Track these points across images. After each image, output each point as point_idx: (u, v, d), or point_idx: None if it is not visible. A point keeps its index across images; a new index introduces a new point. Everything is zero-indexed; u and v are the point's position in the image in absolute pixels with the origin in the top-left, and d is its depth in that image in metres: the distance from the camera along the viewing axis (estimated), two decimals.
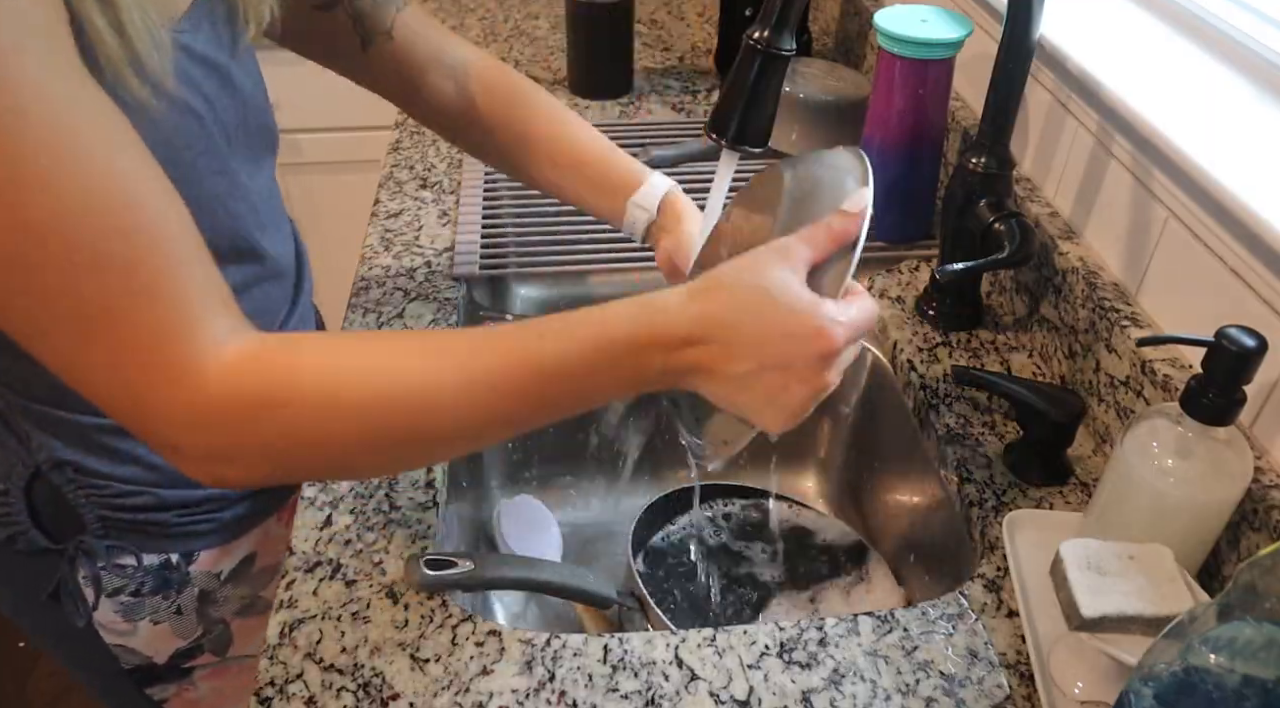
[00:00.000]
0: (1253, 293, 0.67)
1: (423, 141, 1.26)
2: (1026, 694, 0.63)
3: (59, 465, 0.68)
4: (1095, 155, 0.86)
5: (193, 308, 0.50)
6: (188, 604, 0.77)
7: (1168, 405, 0.64)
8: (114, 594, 0.74)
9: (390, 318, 0.94)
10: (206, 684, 0.84)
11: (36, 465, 0.68)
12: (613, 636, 0.67)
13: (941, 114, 0.99)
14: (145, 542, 0.73)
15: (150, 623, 0.77)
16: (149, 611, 0.76)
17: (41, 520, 0.70)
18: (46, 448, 0.68)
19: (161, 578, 0.75)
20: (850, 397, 1.01)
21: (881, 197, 1.06)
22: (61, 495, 0.69)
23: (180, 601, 0.77)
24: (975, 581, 0.71)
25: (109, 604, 0.75)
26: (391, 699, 0.62)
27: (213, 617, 0.80)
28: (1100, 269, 0.84)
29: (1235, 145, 0.70)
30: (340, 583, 0.70)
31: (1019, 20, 0.79)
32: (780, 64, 0.85)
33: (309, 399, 0.51)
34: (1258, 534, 0.64)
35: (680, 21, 1.65)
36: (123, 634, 0.77)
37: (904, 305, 0.98)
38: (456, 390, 0.53)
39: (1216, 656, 0.44)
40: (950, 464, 0.81)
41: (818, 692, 0.63)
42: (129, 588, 0.74)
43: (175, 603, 0.77)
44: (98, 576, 0.73)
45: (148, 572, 0.74)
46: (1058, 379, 0.87)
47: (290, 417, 0.51)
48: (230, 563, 0.78)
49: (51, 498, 0.70)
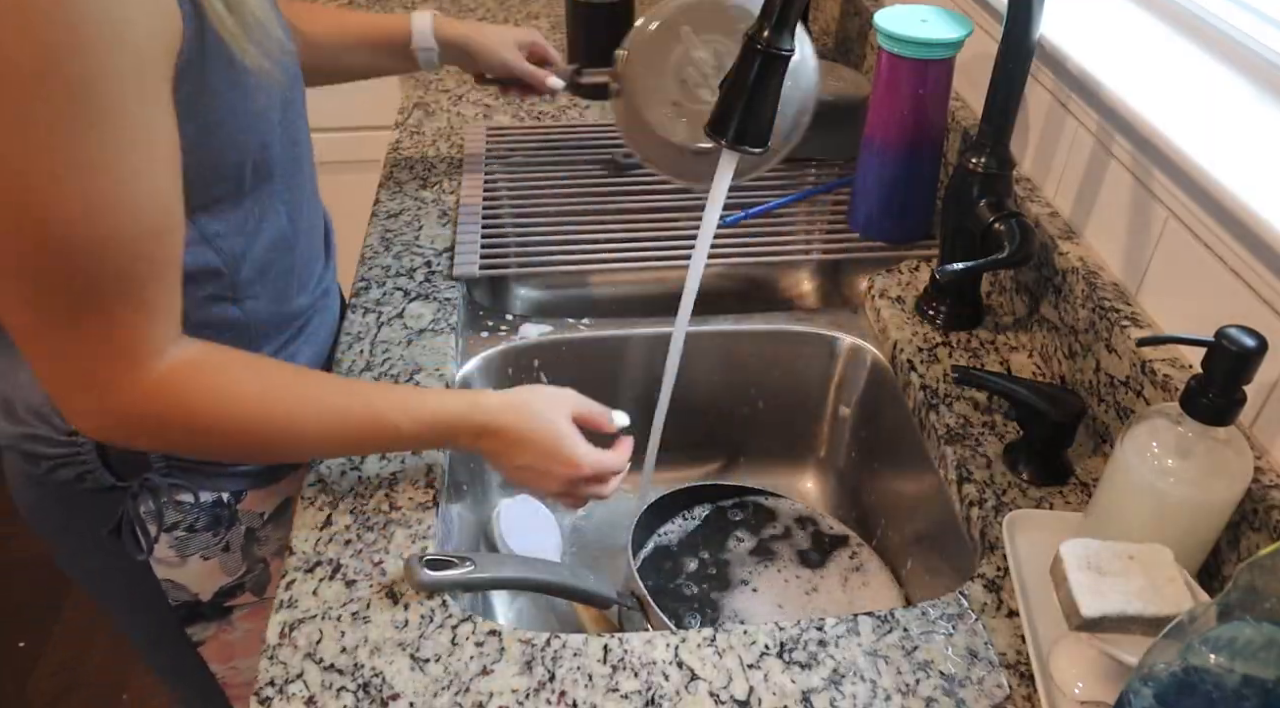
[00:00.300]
0: (1253, 293, 0.67)
1: (422, 142, 1.26)
2: (1026, 694, 0.63)
3: None
4: (1095, 155, 0.86)
5: (159, 317, 0.61)
6: (235, 541, 0.83)
7: (1168, 405, 0.64)
8: (170, 529, 0.79)
9: (390, 318, 0.95)
10: (243, 626, 0.89)
11: None
12: (613, 635, 0.67)
13: (942, 114, 0.99)
14: (202, 481, 0.79)
15: (201, 559, 0.82)
16: (200, 546, 0.81)
17: (109, 460, 0.75)
18: None
19: (213, 515, 0.80)
20: (850, 397, 1.01)
21: (881, 197, 1.07)
22: None
23: (229, 537, 0.82)
24: (975, 581, 0.71)
25: (166, 539, 0.79)
26: (391, 699, 0.62)
27: (255, 555, 0.85)
28: (1100, 269, 0.84)
29: (1235, 145, 0.70)
30: (340, 583, 0.70)
31: (1019, 20, 0.79)
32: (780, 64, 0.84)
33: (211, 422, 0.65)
34: (1258, 534, 0.64)
35: None
36: (174, 569, 0.82)
37: (904, 305, 0.98)
38: (319, 436, 0.70)
39: (1216, 656, 0.44)
40: (950, 464, 0.81)
41: (818, 692, 0.63)
42: (184, 524, 0.79)
43: (224, 540, 0.82)
44: (160, 510, 0.78)
45: (202, 509, 0.80)
46: (1058, 379, 0.87)
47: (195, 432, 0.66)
48: (272, 505, 0.84)
49: None
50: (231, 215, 0.69)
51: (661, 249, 1.06)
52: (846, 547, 0.92)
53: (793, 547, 0.92)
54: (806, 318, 1.02)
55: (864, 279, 1.05)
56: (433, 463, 0.80)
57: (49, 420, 0.73)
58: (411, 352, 0.91)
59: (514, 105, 1.35)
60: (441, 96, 1.38)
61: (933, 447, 0.85)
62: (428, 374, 0.88)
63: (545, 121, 1.32)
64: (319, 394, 0.70)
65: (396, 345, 0.91)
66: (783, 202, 1.14)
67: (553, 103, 1.37)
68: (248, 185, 0.69)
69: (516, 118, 1.32)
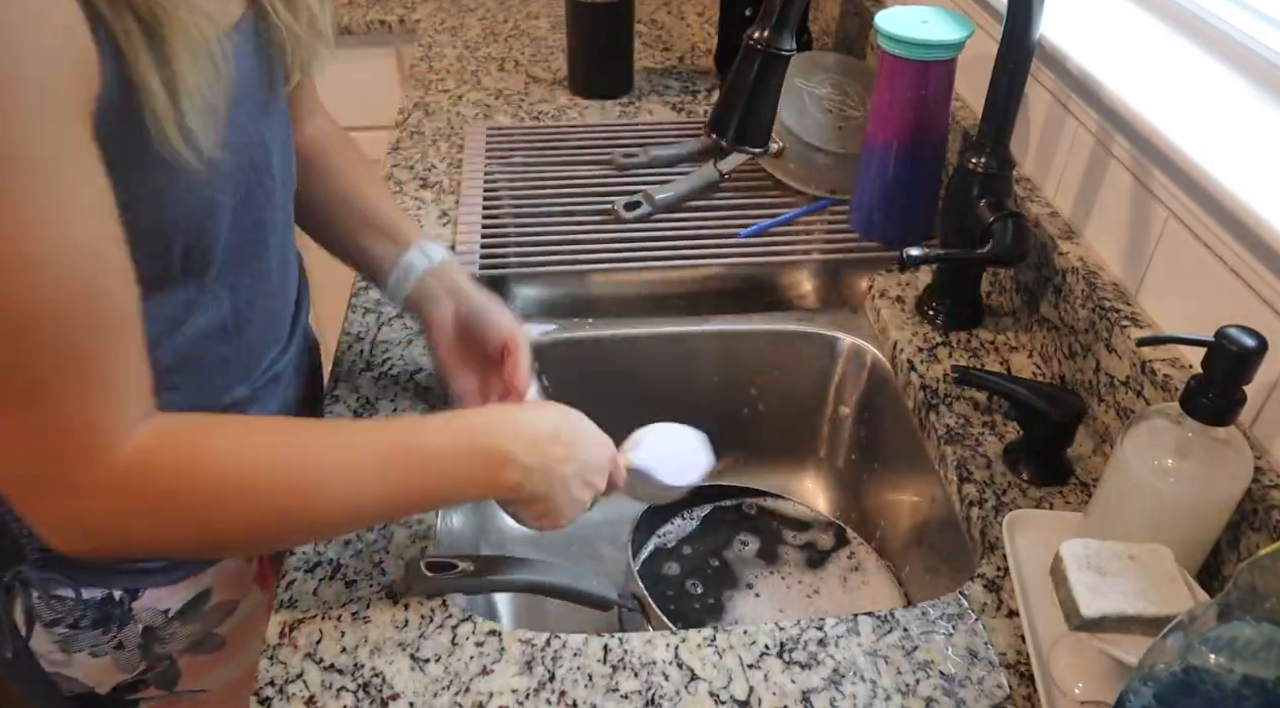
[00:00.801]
0: (1253, 293, 0.67)
1: (422, 141, 1.26)
2: (1026, 694, 0.63)
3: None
4: (1095, 155, 0.86)
5: (128, 396, 0.53)
6: (130, 640, 0.74)
7: (1168, 405, 0.64)
8: (51, 625, 0.71)
9: (390, 318, 0.95)
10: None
11: None
12: (613, 635, 0.67)
13: (943, 115, 0.98)
14: (86, 576, 0.70)
15: (89, 655, 0.73)
16: (88, 644, 0.73)
17: None
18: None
19: (102, 612, 0.72)
20: (850, 397, 1.01)
21: (883, 198, 1.07)
22: (2, 525, 0.68)
23: (121, 636, 0.73)
24: (975, 581, 0.71)
25: (45, 635, 0.72)
26: (391, 699, 0.62)
27: (158, 653, 0.76)
28: (1100, 269, 0.84)
29: (1235, 145, 0.70)
30: (340, 583, 0.70)
31: (1019, 20, 0.79)
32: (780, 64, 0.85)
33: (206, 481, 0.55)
34: (1258, 534, 0.64)
35: (680, 21, 1.65)
36: (60, 664, 0.74)
37: (904, 305, 0.98)
38: (337, 466, 0.59)
39: (1216, 656, 0.44)
40: (950, 464, 0.81)
41: (818, 692, 0.63)
42: (66, 620, 0.71)
43: (116, 638, 0.73)
44: (31, 607, 0.70)
45: (88, 606, 0.71)
46: (1058, 379, 0.87)
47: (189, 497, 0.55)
48: (180, 601, 0.74)
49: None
50: (151, 298, 0.56)
51: (662, 250, 1.06)
52: (846, 546, 0.92)
53: (793, 547, 0.92)
54: (806, 318, 1.02)
55: (864, 279, 1.05)
56: None
57: None
58: (411, 352, 0.91)
59: (514, 105, 1.36)
60: (441, 97, 1.38)
61: (933, 447, 0.85)
62: (428, 374, 0.88)
63: (545, 122, 1.32)
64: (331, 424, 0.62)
65: (396, 345, 0.91)
66: (777, 221, 1.14)
67: (553, 103, 1.37)
68: (175, 271, 0.60)
69: (516, 118, 1.33)
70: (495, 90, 1.40)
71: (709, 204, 1.14)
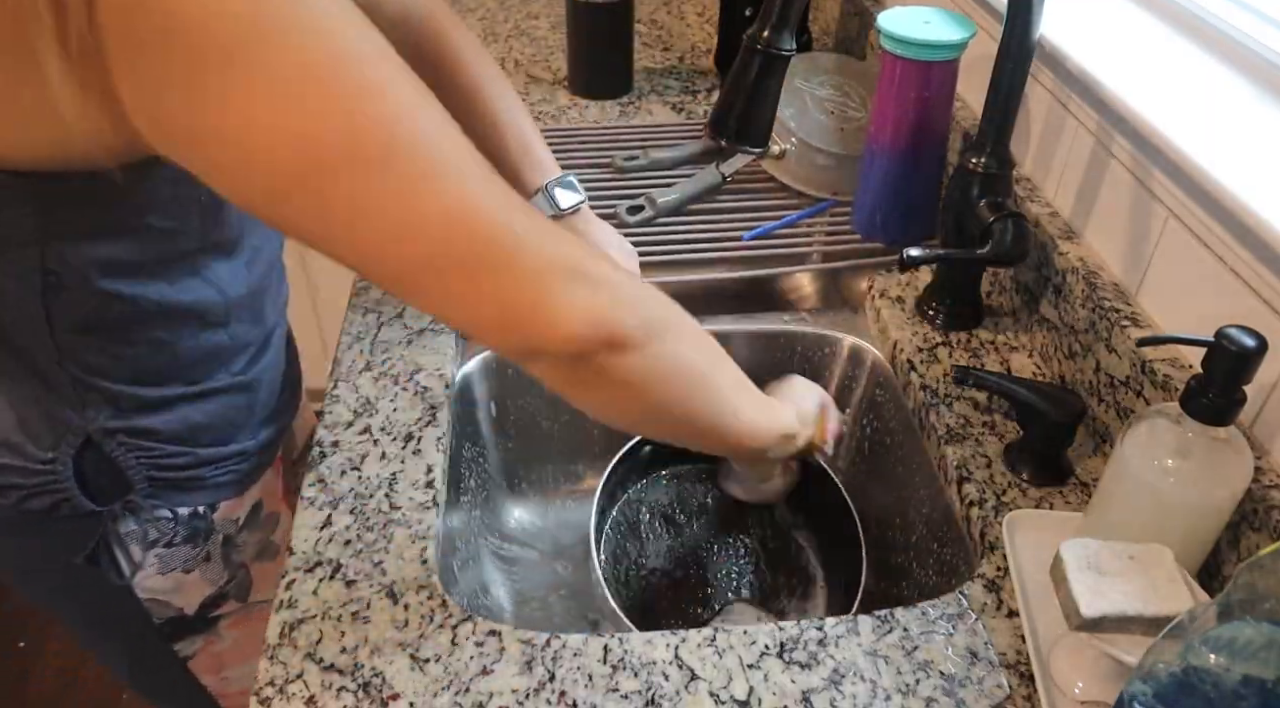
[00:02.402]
0: (1253, 293, 0.67)
1: None
2: (1026, 694, 0.63)
3: (110, 432, 0.71)
4: (1095, 155, 0.86)
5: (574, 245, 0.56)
6: (214, 551, 0.82)
7: (1168, 405, 0.64)
8: (151, 547, 0.78)
9: (390, 318, 0.95)
10: (230, 634, 0.88)
11: (88, 434, 0.70)
12: (613, 635, 0.67)
13: (945, 116, 0.98)
14: (181, 497, 0.77)
15: (183, 572, 0.81)
16: (182, 560, 0.80)
17: (88, 486, 0.73)
18: (100, 416, 0.70)
19: (191, 528, 0.79)
20: (850, 397, 1.01)
21: (885, 198, 1.07)
22: (111, 460, 0.72)
23: (208, 547, 0.81)
24: (975, 581, 0.71)
25: (147, 557, 0.78)
26: (391, 699, 0.62)
27: (235, 561, 0.84)
28: (1100, 269, 0.84)
29: (1235, 145, 0.70)
30: (340, 583, 0.70)
31: (1019, 20, 0.79)
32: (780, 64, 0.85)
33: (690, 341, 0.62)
34: (1258, 534, 0.64)
35: (680, 21, 1.65)
36: (155, 588, 0.81)
37: (904, 305, 0.98)
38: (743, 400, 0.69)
39: (1216, 656, 0.44)
40: (950, 464, 0.81)
41: (818, 692, 0.63)
42: (163, 540, 0.78)
43: (204, 550, 0.81)
44: (145, 531, 0.76)
45: (180, 522, 0.78)
46: (1058, 379, 0.87)
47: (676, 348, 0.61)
48: (244, 510, 0.83)
49: (100, 463, 0.72)
50: (232, 260, 0.70)
51: (665, 253, 1.06)
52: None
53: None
54: (807, 318, 1.02)
55: (864, 279, 1.05)
56: (433, 463, 0.80)
57: (20, 450, 0.70)
58: (411, 352, 0.91)
59: None
60: None
61: (933, 447, 0.85)
62: (428, 374, 0.88)
63: (545, 122, 1.32)
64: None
65: (396, 345, 0.91)
66: (780, 223, 1.14)
67: (552, 103, 1.37)
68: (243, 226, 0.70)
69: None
70: None
71: (711, 207, 1.14)
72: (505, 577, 0.95)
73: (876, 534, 0.97)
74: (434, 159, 0.49)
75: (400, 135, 0.48)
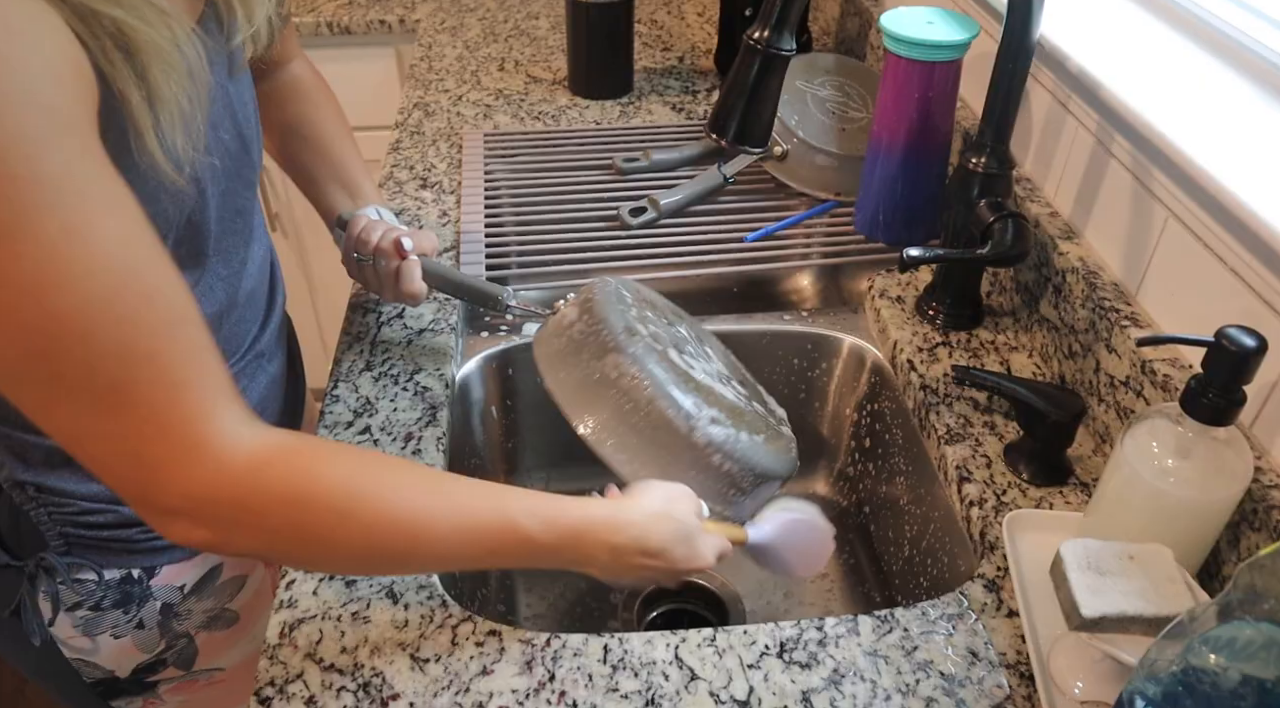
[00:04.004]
0: (1253, 293, 0.67)
1: (423, 142, 1.26)
2: (1026, 694, 0.63)
3: (20, 485, 0.69)
4: (1095, 155, 0.86)
5: (210, 392, 0.53)
6: (149, 618, 0.77)
7: (1168, 405, 0.64)
8: (73, 609, 0.74)
9: (390, 318, 0.95)
10: (173, 699, 0.83)
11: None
12: (613, 636, 0.67)
13: (948, 116, 0.98)
14: (107, 558, 0.73)
15: (111, 637, 0.76)
16: (109, 625, 0.75)
17: (3, 537, 0.70)
18: (8, 467, 0.68)
19: (122, 592, 0.74)
20: (850, 397, 1.01)
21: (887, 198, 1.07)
22: (22, 513, 0.69)
23: (141, 614, 0.76)
24: (975, 581, 0.71)
25: (68, 619, 0.74)
26: (391, 699, 0.62)
27: (176, 630, 0.79)
28: (1100, 269, 0.84)
29: (1235, 145, 0.70)
30: (340, 583, 0.70)
31: (1019, 20, 0.79)
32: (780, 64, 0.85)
33: (328, 505, 0.56)
34: (1258, 534, 0.64)
35: (680, 21, 1.65)
36: (82, 649, 0.76)
37: (904, 305, 0.98)
38: (447, 532, 0.59)
39: (1216, 656, 0.44)
40: (950, 464, 0.81)
41: (818, 692, 0.63)
42: (88, 603, 0.74)
43: (136, 617, 0.76)
44: (56, 592, 0.72)
45: (109, 587, 0.74)
46: (1058, 379, 0.87)
47: (307, 517, 0.55)
48: (194, 576, 0.78)
49: (12, 515, 0.70)
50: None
51: (668, 255, 1.06)
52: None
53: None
54: (807, 318, 1.02)
55: (864, 279, 1.05)
56: (433, 463, 0.80)
57: None
58: (411, 352, 0.91)
59: (514, 105, 1.36)
60: (441, 96, 1.38)
61: (933, 447, 0.85)
62: (428, 374, 0.88)
63: (545, 122, 1.32)
64: (443, 486, 0.62)
65: (396, 345, 0.91)
66: (783, 224, 1.14)
67: (553, 104, 1.37)
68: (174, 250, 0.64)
69: (516, 118, 1.33)
70: (495, 90, 1.40)
71: (713, 208, 1.14)
72: (505, 577, 0.95)
73: (877, 534, 0.97)
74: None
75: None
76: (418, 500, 0.59)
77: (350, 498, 0.56)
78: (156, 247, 0.52)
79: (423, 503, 0.59)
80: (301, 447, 0.57)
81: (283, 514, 0.55)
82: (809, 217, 1.13)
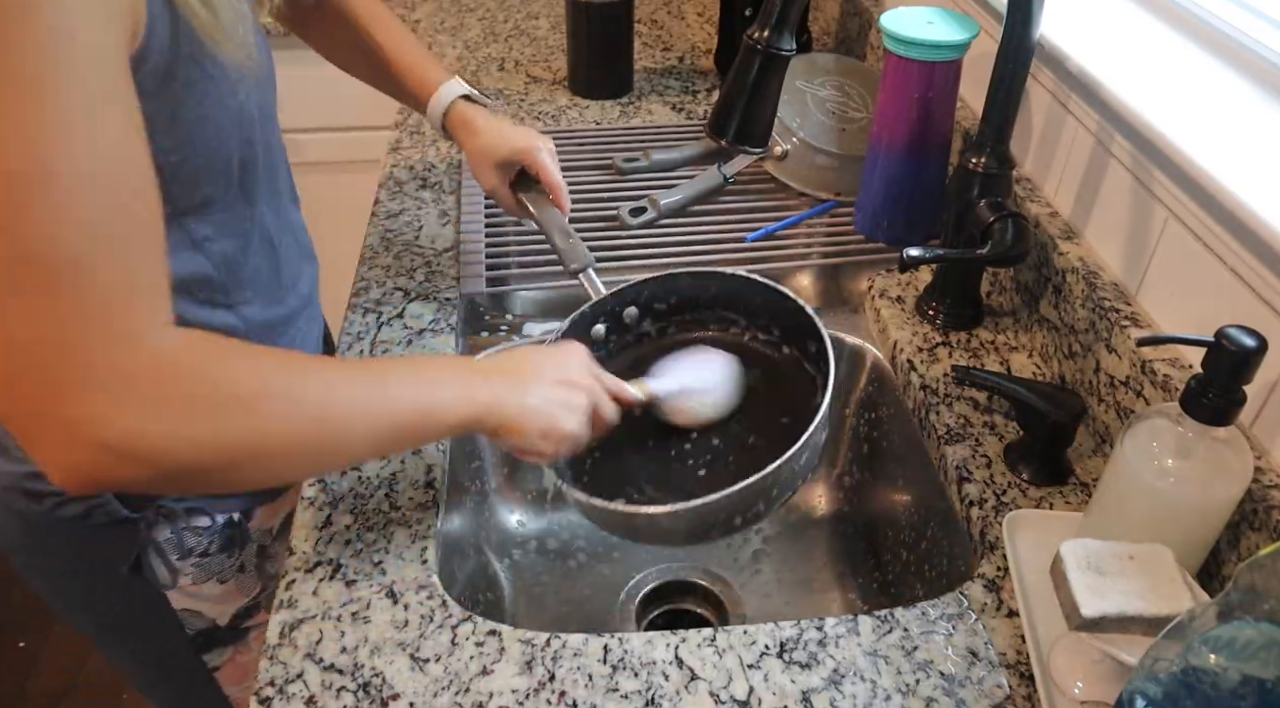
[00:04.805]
0: (1253, 293, 0.67)
1: (422, 142, 1.26)
2: (1026, 694, 0.63)
3: None
4: (1095, 155, 0.86)
5: (159, 293, 0.53)
6: (249, 561, 0.83)
7: (1168, 405, 0.64)
8: (186, 556, 0.78)
9: (390, 318, 0.95)
10: (259, 646, 0.86)
11: None
12: (612, 636, 0.67)
13: (948, 117, 0.98)
14: (215, 501, 0.78)
15: (218, 582, 0.81)
16: (217, 570, 0.81)
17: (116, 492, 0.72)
18: None
19: (227, 536, 0.80)
20: (850, 397, 1.01)
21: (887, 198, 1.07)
22: None
23: (243, 558, 0.82)
24: (975, 581, 0.71)
25: (184, 566, 0.79)
26: (391, 699, 0.63)
27: (268, 572, 0.85)
28: (1100, 269, 0.84)
29: (1235, 145, 0.70)
30: (340, 583, 0.70)
31: (1019, 20, 0.79)
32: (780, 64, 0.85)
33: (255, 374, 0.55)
34: (1258, 534, 0.64)
35: (680, 21, 1.65)
36: (192, 597, 0.81)
37: (904, 305, 0.98)
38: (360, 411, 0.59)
39: (1216, 656, 0.44)
40: (950, 464, 0.81)
41: (818, 692, 0.63)
42: (199, 549, 0.79)
43: (238, 560, 0.82)
44: (180, 537, 0.76)
45: (217, 531, 0.79)
46: (1058, 379, 0.87)
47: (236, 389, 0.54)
48: (278, 520, 0.84)
49: None
50: (221, 217, 0.68)
51: (668, 255, 1.06)
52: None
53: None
54: None
55: (864, 279, 1.05)
56: (433, 463, 0.80)
57: None
58: (411, 352, 0.91)
59: (514, 105, 1.36)
60: None
61: (933, 447, 0.85)
62: None
63: (545, 122, 1.32)
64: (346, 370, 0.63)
65: (397, 345, 0.91)
66: (783, 225, 1.14)
67: (553, 104, 1.37)
68: (235, 182, 0.68)
69: (516, 118, 1.33)
70: (495, 90, 1.40)
71: (714, 208, 1.14)
72: (505, 576, 0.95)
73: (877, 534, 0.97)
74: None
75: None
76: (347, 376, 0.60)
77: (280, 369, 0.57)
78: (149, 157, 0.53)
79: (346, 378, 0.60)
80: (214, 339, 0.56)
81: (195, 397, 0.52)
82: (809, 217, 1.13)
